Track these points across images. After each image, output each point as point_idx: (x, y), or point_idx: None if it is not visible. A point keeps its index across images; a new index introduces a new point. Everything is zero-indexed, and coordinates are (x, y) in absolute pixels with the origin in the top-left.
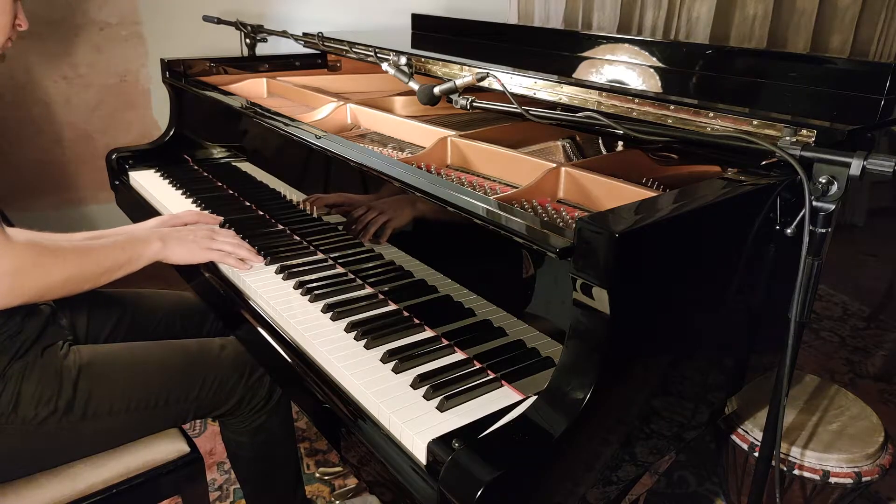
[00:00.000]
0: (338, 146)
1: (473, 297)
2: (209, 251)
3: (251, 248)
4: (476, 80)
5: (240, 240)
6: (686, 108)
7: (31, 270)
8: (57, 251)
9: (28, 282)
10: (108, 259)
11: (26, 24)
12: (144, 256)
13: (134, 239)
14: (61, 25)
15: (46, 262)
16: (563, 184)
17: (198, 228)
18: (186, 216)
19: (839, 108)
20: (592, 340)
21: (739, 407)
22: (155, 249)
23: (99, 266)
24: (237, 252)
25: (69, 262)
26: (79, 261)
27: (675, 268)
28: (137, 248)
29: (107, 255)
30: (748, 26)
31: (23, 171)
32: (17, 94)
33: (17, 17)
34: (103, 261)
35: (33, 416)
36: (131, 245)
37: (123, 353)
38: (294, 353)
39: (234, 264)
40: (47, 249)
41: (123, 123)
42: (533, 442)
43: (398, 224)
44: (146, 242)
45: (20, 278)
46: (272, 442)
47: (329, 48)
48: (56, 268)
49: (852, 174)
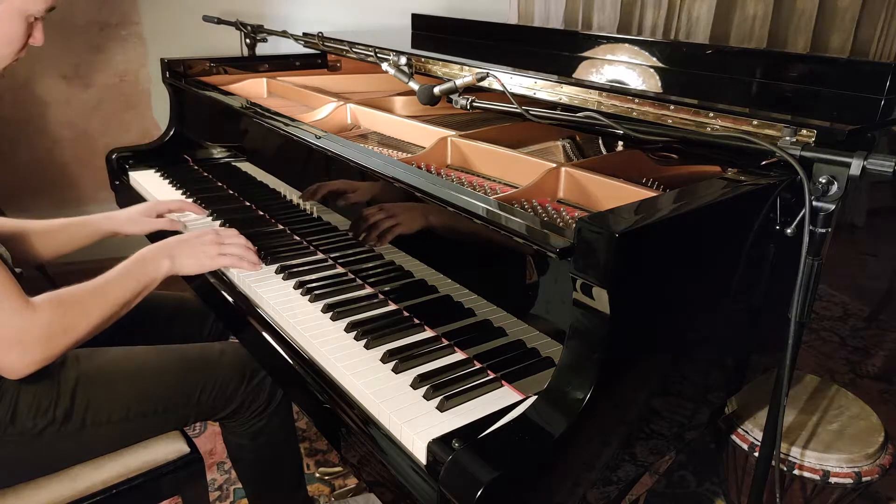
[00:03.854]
0: (338, 146)
1: (473, 297)
2: (220, 257)
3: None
4: (476, 80)
5: (245, 240)
6: (686, 108)
7: (60, 334)
8: (79, 304)
9: (58, 345)
10: (126, 293)
11: (41, 42)
12: (157, 279)
13: (144, 263)
14: (61, 25)
15: (72, 322)
16: (563, 184)
17: (202, 234)
18: (172, 204)
19: (839, 108)
20: (592, 340)
21: (739, 407)
22: (165, 268)
23: (117, 305)
24: (247, 256)
25: (92, 312)
26: (100, 306)
27: (675, 268)
28: (149, 272)
29: (122, 288)
30: (748, 26)
31: (23, 171)
32: (17, 94)
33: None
34: (121, 296)
35: (31, 427)
36: (143, 271)
37: (122, 360)
38: (294, 354)
39: (249, 268)
40: (71, 307)
41: (123, 123)
42: (533, 442)
43: (403, 230)
44: (156, 264)
45: (51, 344)
46: (273, 444)
47: (329, 48)
48: (82, 323)
49: (852, 174)
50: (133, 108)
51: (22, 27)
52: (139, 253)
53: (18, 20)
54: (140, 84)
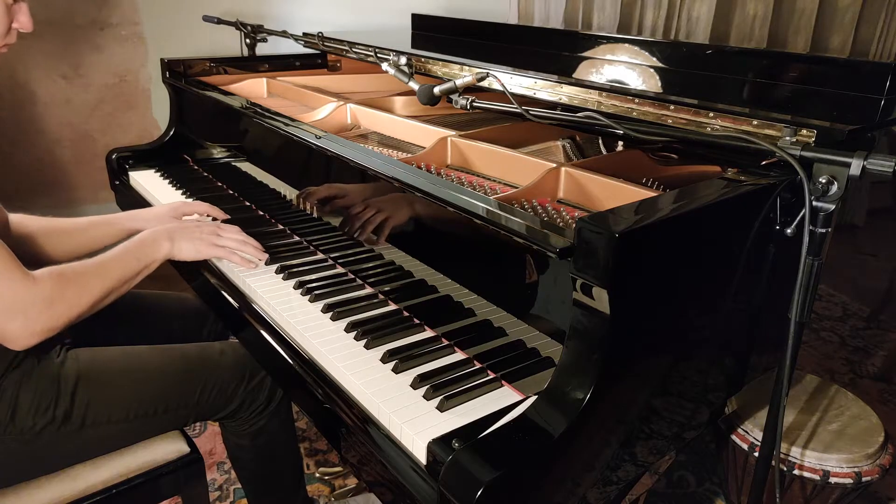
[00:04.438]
0: (338, 146)
1: (473, 297)
2: (215, 247)
3: (257, 243)
4: (476, 80)
5: (245, 235)
6: (686, 108)
7: (62, 305)
8: (80, 278)
9: (60, 316)
10: (126, 271)
11: (30, 27)
12: (158, 259)
13: (144, 244)
14: (61, 25)
15: (73, 294)
16: (563, 184)
17: (203, 224)
18: (198, 206)
19: (839, 108)
20: (592, 340)
21: (739, 407)
22: (165, 250)
23: (118, 281)
24: (243, 249)
25: (93, 286)
26: (101, 282)
27: (675, 268)
28: (149, 253)
29: (123, 266)
30: (748, 26)
31: (23, 170)
32: (17, 94)
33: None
34: (121, 275)
35: (31, 426)
36: (143, 251)
37: (122, 360)
38: (294, 354)
39: (240, 262)
40: (72, 280)
41: (123, 123)
42: (533, 442)
43: (395, 222)
44: (156, 245)
45: (53, 314)
46: (273, 444)
47: (329, 48)
48: (83, 296)
49: (852, 174)
50: (133, 108)
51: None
52: (140, 234)
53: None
54: (140, 84)
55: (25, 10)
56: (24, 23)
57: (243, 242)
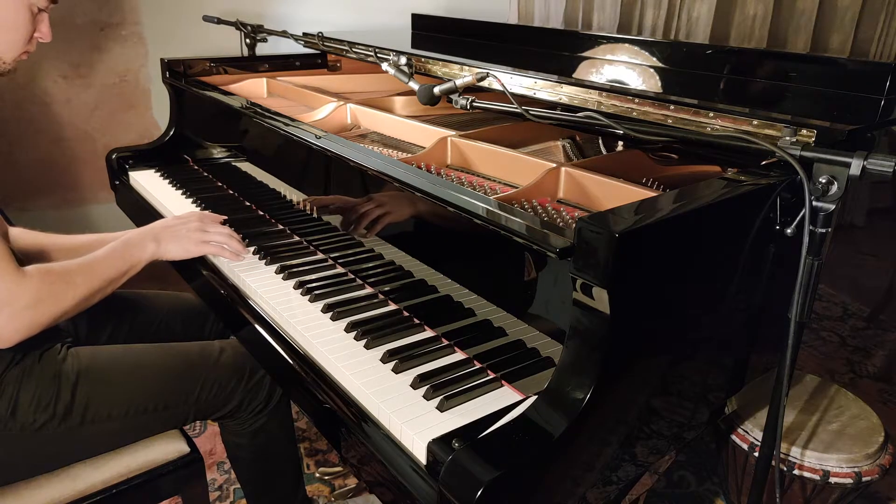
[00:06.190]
0: (338, 146)
1: (473, 297)
2: (203, 244)
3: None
4: (476, 80)
5: (230, 230)
6: (686, 108)
7: (48, 300)
8: (66, 275)
9: (46, 312)
10: (112, 271)
11: (49, 37)
12: (143, 260)
13: (130, 245)
14: (61, 25)
15: (59, 290)
16: (563, 184)
17: (188, 221)
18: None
19: (839, 108)
20: (592, 340)
21: (739, 407)
22: (151, 250)
23: (104, 280)
24: (230, 243)
25: (79, 284)
26: (86, 280)
27: (675, 268)
28: (135, 253)
29: (109, 266)
30: (748, 26)
31: (23, 171)
32: (17, 94)
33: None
34: (107, 274)
35: (32, 422)
36: (129, 252)
37: (122, 357)
38: (294, 353)
39: (230, 257)
40: (59, 277)
41: (123, 123)
42: (533, 442)
43: (392, 219)
44: (141, 246)
45: (38, 310)
46: (272, 443)
47: (329, 48)
48: (69, 293)
49: (852, 174)
50: (133, 108)
51: (26, 16)
52: (126, 235)
53: (23, 9)
54: (140, 84)
55: (47, 20)
56: (44, 33)
57: (229, 236)
